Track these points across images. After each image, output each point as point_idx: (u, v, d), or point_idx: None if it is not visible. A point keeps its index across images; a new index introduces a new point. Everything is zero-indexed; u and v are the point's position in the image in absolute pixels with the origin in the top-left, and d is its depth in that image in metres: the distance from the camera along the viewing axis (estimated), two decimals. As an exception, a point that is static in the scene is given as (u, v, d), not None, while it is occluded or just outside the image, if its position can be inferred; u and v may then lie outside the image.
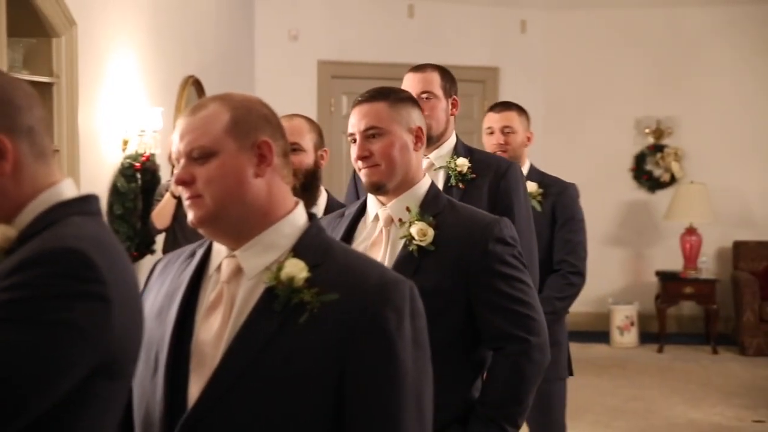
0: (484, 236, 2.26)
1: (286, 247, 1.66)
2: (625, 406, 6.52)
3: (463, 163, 3.10)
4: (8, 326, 1.31)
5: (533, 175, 4.03)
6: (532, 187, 3.92)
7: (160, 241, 5.60)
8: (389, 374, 1.57)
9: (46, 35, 4.82)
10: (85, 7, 5.04)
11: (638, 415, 6.32)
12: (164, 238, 5.43)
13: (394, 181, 2.31)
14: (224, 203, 1.63)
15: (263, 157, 1.66)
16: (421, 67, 3.23)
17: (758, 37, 8.90)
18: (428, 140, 2.48)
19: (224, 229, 1.66)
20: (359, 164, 2.33)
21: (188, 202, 1.65)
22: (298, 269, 1.61)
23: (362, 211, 2.41)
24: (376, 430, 1.57)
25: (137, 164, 5.52)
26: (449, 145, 3.17)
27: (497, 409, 2.25)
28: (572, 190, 4.11)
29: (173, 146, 1.68)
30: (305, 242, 1.67)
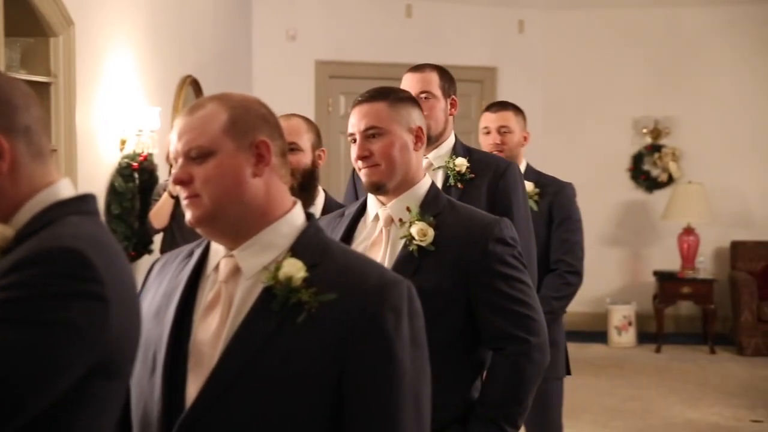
0: (484, 236, 2.26)
1: (284, 246, 1.66)
2: (622, 406, 6.53)
3: (461, 163, 3.10)
4: (6, 326, 1.31)
5: (530, 174, 4.03)
6: (528, 186, 3.92)
7: (157, 240, 5.60)
8: (388, 374, 1.57)
9: (43, 35, 4.81)
10: (82, 6, 5.04)
11: (636, 415, 6.32)
12: (162, 237, 5.43)
13: (394, 181, 2.30)
14: (222, 203, 1.63)
15: (261, 156, 1.65)
16: (419, 67, 3.23)
17: (756, 37, 8.90)
18: (427, 140, 2.47)
19: (222, 228, 1.66)
20: (359, 164, 2.32)
21: (186, 201, 1.65)
22: (296, 269, 1.61)
23: (362, 210, 2.40)
24: (374, 429, 1.57)
25: (135, 164, 5.52)
26: (448, 145, 3.17)
27: (497, 409, 2.25)
28: (569, 189, 4.11)
29: (171, 146, 1.68)
30: (303, 242, 1.67)
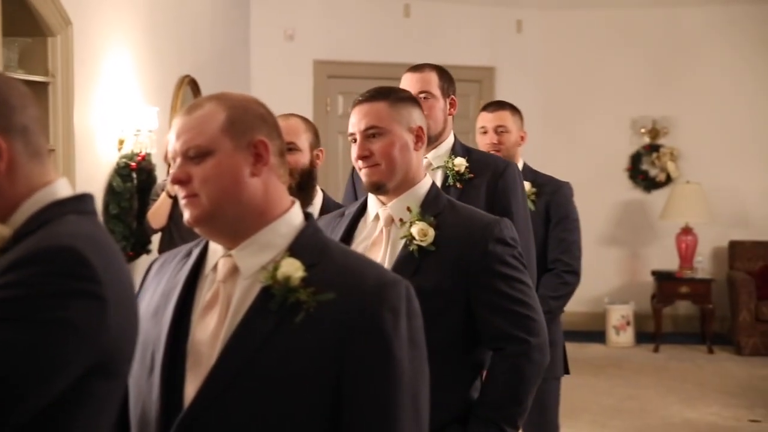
0: (484, 237, 2.25)
1: (282, 246, 1.66)
2: (621, 405, 6.53)
3: (460, 162, 3.10)
4: (4, 325, 1.31)
5: (527, 174, 4.03)
6: (525, 186, 3.92)
7: (155, 240, 5.60)
8: (386, 374, 1.57)
9: (41, 34, 4.81)
10: (80, 6, 5.03)
11: (634, 414, 6.32)
12: (160, 237, 5.42)
13: (394, 180, 2.30)
14: (220, 202, 1.63)
15: (259, 156, 1.65)
16: (419, 67, 3.23)
17: (754, 36, 8.91)
18: (427, 140, 2.47)
19: (220, 228, 1.66)
20: (359, 164, 2.32)
21: (184, 201, 1.65)
22: (294, 269, 1.61)
23: (362, 210, 2.40)
24: (372, 429, 1.57)
25: (133, 164, 5.52)
26: (447, 144, 3.17)
27: (497, 409, 2.24)
28: (566, 188, 4.11)
29: (169, 145, 1.68)
30: (301, 242, 1.67)
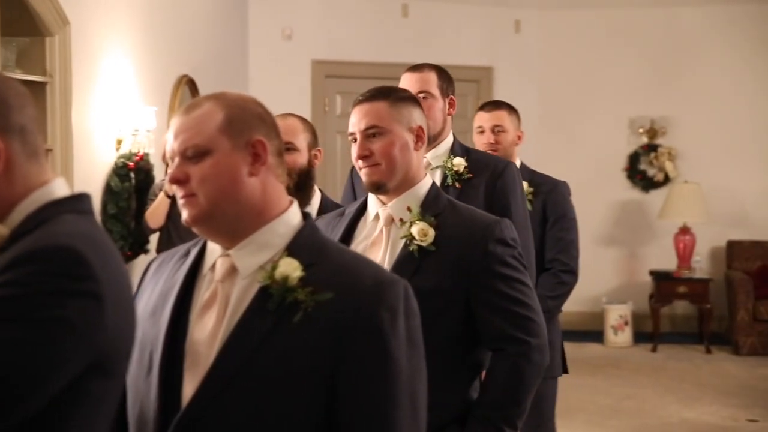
0: (484, 237, 2.25)
1: (280, 246, 1.66)
2: (618, 405, 6.53)
3: (459, 162, 3.09)
4: (1, 325, 1.30)
5: (524, 173, 4.02)
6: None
7: (153, 240, 5.60)
8: (384, 373, 1.57)
9: (39, 34, 4.81)
10: (78, 6, 5.03)
11: (632, 414, 6.32)
12: (158, 237, 5.42)
13: (394, 180, 2.30)
14: (218, 202, 1.63)
15: (258, 156, 1.65)
16: (418, 66, 3.23)
17: (752, 36, 8.91)
18: None
19: (218, 228, 1.66)
20: (359, 164, 2.32)
21: (182, 200, 1.65)
22: (292, 268, 1.61)
23: (362, 210, 2.40)
24: (370, 428, 1.57)
25: (131, 164, 5.52)
26: (446, 144, 3.17)
27: (496, 410, 2.24)
28: (563, 187, 4.10)
29: (167, 145, 1.68)
30: (299, 241, 1.67)
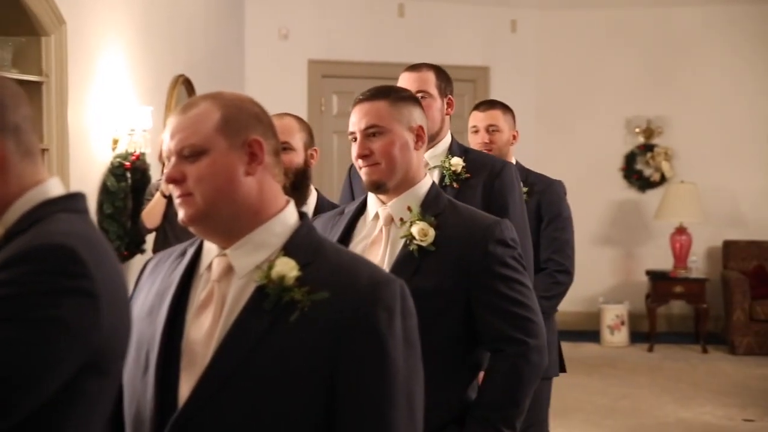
0: (484, 237, 2.25)
1: (276, 245, 1.66)
2: (615, 405, 6.53)
3: (457, 162, 3.09)
4: (-3, 324, 1.30)
5: (519, 173, 4.02)
6: None
7: (150, 240, 5.59)
8: (380, 373, 1.57)
9: (35, 34, 4.80)
10: (74, 5, 5.02)
11: (628, 414, 6.33)
12: (154, 237, 5.42)
13: (394, 180, 2.30)
14: (215, 201, 1.62)
15: (254, 155, 1.65)
16: (416, 66, 3.23)
17: (749, 36, 8.92)
18: None
19: (215, 227, 1.66)
20: (359, 163, 2.32)
21: (179, 200, 1.65)
22: (288, 268, 1.60)
23: (362, 209, 2.40)
24: (367, 428, 1.57)
25: (127, 163, 5.51)
26: (444, 144, 3.17)
27: (495, 410, 2.24)
28: (558, 186, 4.09)
29: (164, 145, 1.68)
30: (296, 241, 1.67)
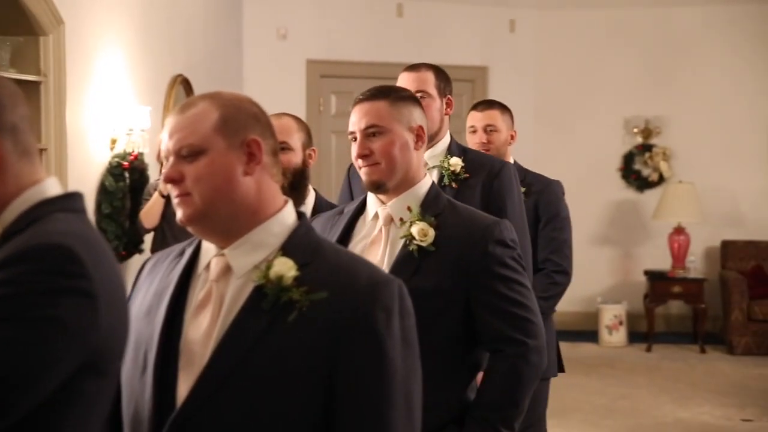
0: (484, 238, 2.25)
1: (275, 245, 1.66)
2: (613, 405, 6.54)
3: (456, 162, 3.09)
4: (-5, 324, 1.30)
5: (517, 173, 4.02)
6: None
7: (148, 240, 5.59)
8: (379, 373, 1.57)
9: (33, 34, 4.80)
10: (72, 5, 5.02)
11: (626, 414, 6.33)
12: (153, 237, 5.42)
13: (394, 180, 2.30)
14: (213, 201, 1.62)
15: (252, 155, 1.65)
16: (415, 66, 3.23)
17: (747, 36, 8.92)
18: None
19: (213, 227, 1.66)
20: (359, 163, 2.32)
21: (177, 200, 1.65)
22: (286, 268, 1.60)
23: (361, 209, 2.40)
24: (365, 428, 1.57)
25: (125, 163, 5.51)
26: (443, 144, 3.17)
27: (494, 411, 2.24)
28: (556, 186, 4.08)
29: (162, 144, 1.67)
30: (294, 241, 1.67)
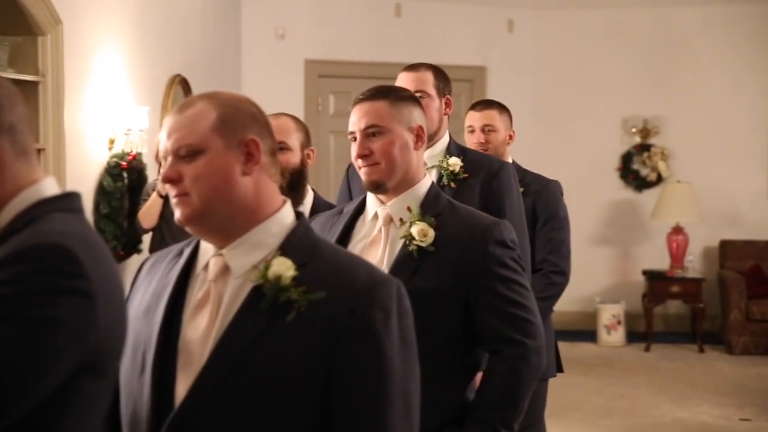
0: (484, 238, 2.25)
1: (273, 245, 1.66)
2: (612, 404, 6.54)
3: (455, 162, 3.09)
4: (-7, 324, 1.30)
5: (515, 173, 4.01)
6: None
7: (146, 240, 5.59)
8: (377, 373, 1.57)
9: (31, 33, 4.80)
10: (71, 5, 5.02)
11: (625, 413, 6.33)
12: (151, 237, 5.42)
13: (393, 180, 2.30)
14: (211, 201, 1.62)
15: (251, 155, 1.65)
16: (414, 66, 3.23)
17: (745, 36, 8.93)
18: None
19: (211, 227, 1.65)
20: (359, 163, 2.32)
21: (175, 200, 1.65)
22: (285, 268, 1.60)
23: (361, 209, 2.40)
24: (363, 428, 1.57)
25: (124, 163, 5.51)
26: (442, 144, 3.16)
27: (493, 411, 2.24)
28: (554, 186, 4.07)
29: (160, 144, 1.67)
30: (292, 241, 1.67)
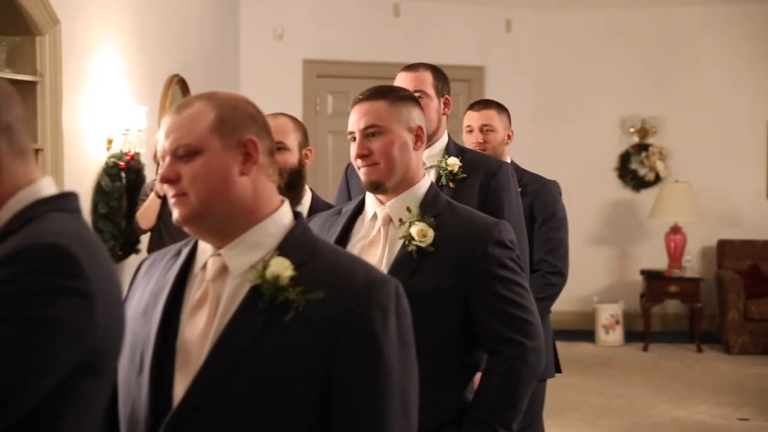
0: (483, 239, 2.25)
1: (271, 245, 1.66)
2: (610, 404, 6.54)
3: (454, 162, 3.09)
4: (-9, 325, 1.30)
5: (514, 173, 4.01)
6: None
7: (145, 240, 5.59)
8: (375, 373, 1.57)
9: (29, 33, 4.79)
10: (69, 5, 5.02)
11: (623, 413, 6.34)
12: (149, 237, 5.41)
13: (393, 180, 2.30)
14: (209, 201, 1.62)
15: (249, 155, 1.65)
16: (413, 66, 3.23)
17: (743, 36, 8.93)
18: None
19: (209, 227, 1.65)
20: (358, 163, 2.32)
21: (173, 200, 1.65)
22: (283, 268, 1.60)
23: (360, 209, 2.40)
24: (362, 428, 1.57)
25: (122, 163, 5.51)
26: (441, 144, 3.16)
27: (492, 412, 2.24)
28: (552, 186, 4.07)
29: (158, 144, 1.67)
30: (291, 241, 1.67)
